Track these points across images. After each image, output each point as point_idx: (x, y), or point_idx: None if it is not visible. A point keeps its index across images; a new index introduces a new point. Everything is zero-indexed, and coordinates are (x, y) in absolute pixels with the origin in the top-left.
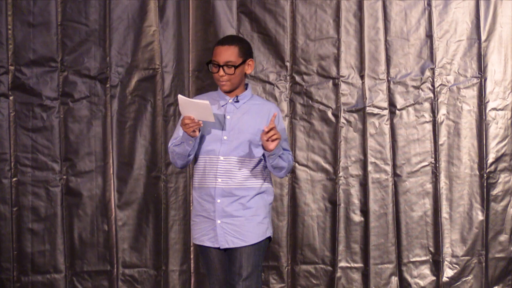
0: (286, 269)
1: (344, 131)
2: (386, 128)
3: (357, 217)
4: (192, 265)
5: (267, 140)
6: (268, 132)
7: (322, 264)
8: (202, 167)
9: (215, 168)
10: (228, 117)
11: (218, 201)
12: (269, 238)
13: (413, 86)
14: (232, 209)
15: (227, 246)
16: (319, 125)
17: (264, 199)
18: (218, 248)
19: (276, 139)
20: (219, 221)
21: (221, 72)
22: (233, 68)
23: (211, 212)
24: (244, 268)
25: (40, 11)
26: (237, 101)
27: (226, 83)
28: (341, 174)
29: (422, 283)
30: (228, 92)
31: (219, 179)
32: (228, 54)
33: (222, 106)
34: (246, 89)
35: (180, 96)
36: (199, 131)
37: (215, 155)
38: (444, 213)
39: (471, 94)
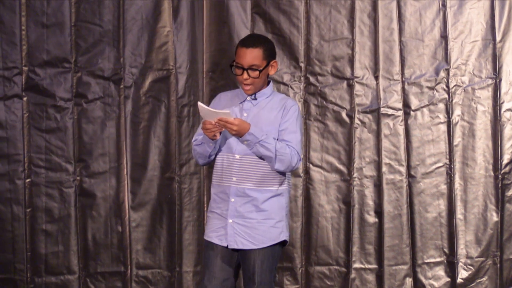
0: (300, 270)
1: (359, 132)
2: (401, 129)
3: (371, 218)
4: None
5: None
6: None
7: (336, 265)
8: (220, 165)
9: (231, 166)
10: (245, 114)
11: (232, 200)
12: (284, 242)
13: (428, 87)
14: (245, 210)
15: (235, 247)
16: (333, 126)
17: (280, 202)
18: (226, 247)
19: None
20: (230, 221)
21: (245, 75)
22: (257, 72)
23: (224, 210)
24: (258, 274)
25: (53, 11)
26: (255, 99)
27: (250, 87)
28: (355, 175)
29: (436, 284)
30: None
31: (234, 178)
32: (253, 57)
33: (240, 103)
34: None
35: (200, 104)
36: (220, 134)
37: (232, 153)
38: (459, 214)
39: (486, 95)
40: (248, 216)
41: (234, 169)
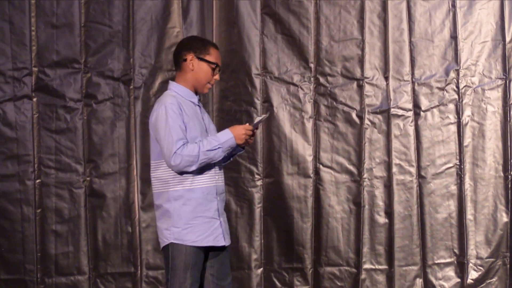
0: (310, 271)
1: (369, 132)
2: (411, 130)
3: (381, 219)
4: None
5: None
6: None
7: (347, 266)
8: (208, 166)
9: (217, 165)
10: (204, 117)
11: (218, 198)
12: None
13: (438, 88)
14: (223, 206)
15: (227, 244)
16: (344, 127)
17: None
18: (211, 248)
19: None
20: (221, 219)
21: (218, 76)
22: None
23: (214, 211)
24: (229, 268)
25: (63, 12)
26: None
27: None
28: (365, 175)
29: (446, 285)
30: (196, 93)
31: (217, 176)
32: None
33: (196, 106)
34: None
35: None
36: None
37: None
38: (469, 215)
39: (495, 95)
40: (224, 212)
41: (216, 169)
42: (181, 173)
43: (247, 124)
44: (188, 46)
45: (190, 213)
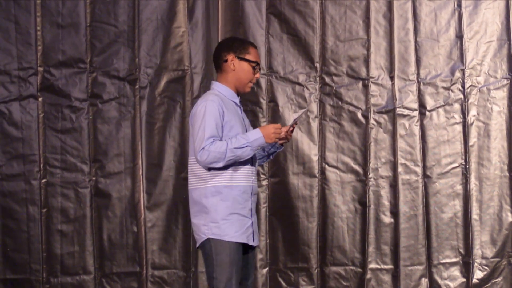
0: (316, 271)
1: (374, 132)
2: (416, 129)
3: (387, 219)
4: None
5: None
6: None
7: (352, 265)
8: (244, 165)
9: (252, 165)
10: (244, 117)
11: (252, 199)
12: None
13: (443, 87)
14: (255, 207)
15: (256, 244)
16: (349, 126)
17: None
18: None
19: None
20: (253, 219)
21: (259, 75)
22: None
23: (248, 210)
24: (253, 268)
25: (69, 12)
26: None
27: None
28: (371, 175)
29: (452, 284)
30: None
31: (253, 177)
32: None
33: (237, 106)
34: None
35: (294, 114)
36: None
37: None
38: (474, 215)
39: (501, 95)
40: (255, 213)
41: (253, 169)
42: (209, 169)
43: (278, 123)
44: (228, 47)
45: (227, 208)
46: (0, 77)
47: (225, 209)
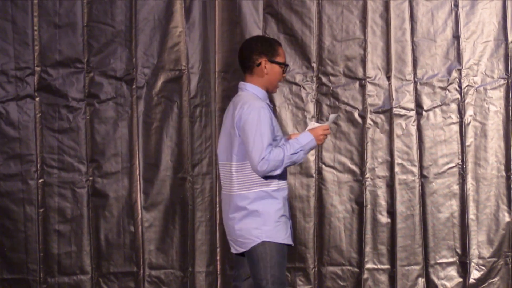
0: (313, 271)
1: (371, 132)
2: (413, 129)
3: (384, 219)
4: (218, 267)
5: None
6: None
7: (349, 265)
8: (284, 170)
9: (286, 170)
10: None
11: (286, 202)
12: None
13: (440, 87)
14: None
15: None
16: (346, 126)
17: None
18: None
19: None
20: (290, 221)
21: (286, 74)
22: None
23: (288, 211)
24: None
25: (66, 12)
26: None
27: None
28: (367, 175)
29: (449, 284)
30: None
31: (286, 180)
32: None
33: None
34: None
35: (314, 123)
36: None
37: None
38: (471, 215)
39: (498, 95)
40: None
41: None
42: (265, 177)
43: (325, 124)
44: (259, 50)
45: (279, 211)
46: None
47: (277, 211)
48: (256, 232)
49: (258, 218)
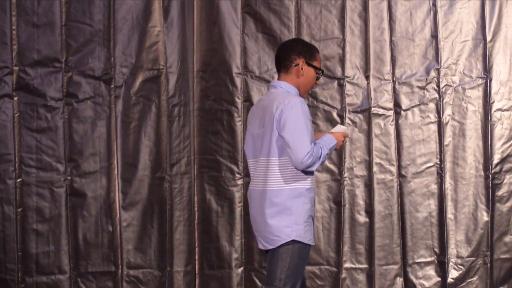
0: None
1: (349, 131)
2: (391, 129)
3: (362, 218)
4: (196, 266)
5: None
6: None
7: (327, 265)
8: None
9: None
10: None
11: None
12: None
13: (418, 87)
14: None
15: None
16: (324, 126)
17: None
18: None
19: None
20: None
21: (319, 81)
22: None
23: (314, 213)
24: None
25: (44, 11)
26: None
27: None
28: (346, 174)
29: (427, 284)
30: None
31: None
32: None
33: None
34: None
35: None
36: None
37: None
38: (449, 214)
39: (476, 94)
40: None
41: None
42: (305, 172)
43: (347, 131)
44: (298, 50)
45: (309, 211)
46: None
47: (307, 211)
48: (287, 231)
49: (290, 217)
